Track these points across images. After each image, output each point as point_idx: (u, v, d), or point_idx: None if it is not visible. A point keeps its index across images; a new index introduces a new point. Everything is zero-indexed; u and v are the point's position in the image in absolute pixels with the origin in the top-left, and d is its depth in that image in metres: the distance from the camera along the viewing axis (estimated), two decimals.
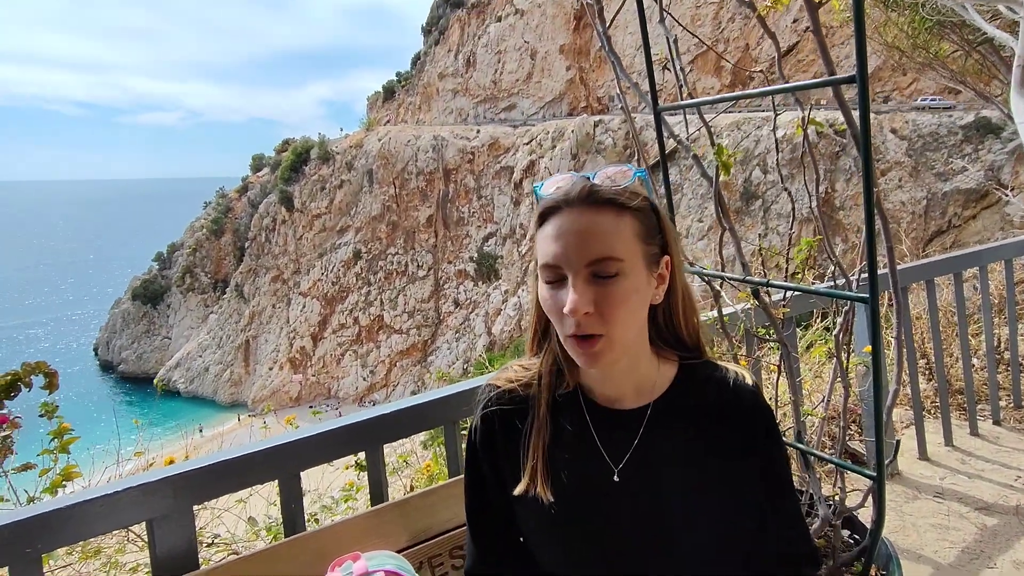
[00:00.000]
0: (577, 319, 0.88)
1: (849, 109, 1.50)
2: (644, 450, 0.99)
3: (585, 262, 0.89)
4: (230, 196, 57.51)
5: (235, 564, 1.25)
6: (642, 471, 0.99)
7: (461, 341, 40.58)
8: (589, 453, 1.01)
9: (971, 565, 2.11)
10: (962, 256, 2.99)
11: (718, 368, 1.04)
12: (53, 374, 1.40)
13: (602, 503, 0.99)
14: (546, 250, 0.92)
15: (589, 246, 0.89)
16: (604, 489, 0.99)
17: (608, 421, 1.01)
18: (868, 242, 1.32)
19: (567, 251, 0.90)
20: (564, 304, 0.89)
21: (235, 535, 1.99)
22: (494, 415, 1.06)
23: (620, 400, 1.01)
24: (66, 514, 1.15)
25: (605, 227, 0.90)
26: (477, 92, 48.39)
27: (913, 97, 30.52)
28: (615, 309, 0.89)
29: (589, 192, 0.92)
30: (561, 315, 0.91)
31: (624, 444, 1.00)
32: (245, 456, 1.33)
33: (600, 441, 1.01)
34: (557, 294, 0.91)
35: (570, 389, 1.04)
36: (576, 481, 1.00)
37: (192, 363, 48.00)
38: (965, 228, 25.88)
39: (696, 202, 30.01)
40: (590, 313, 0.88)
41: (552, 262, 0.91)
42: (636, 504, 0.98)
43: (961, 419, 3.06)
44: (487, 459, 1.08)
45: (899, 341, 1.71)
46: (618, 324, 0.90)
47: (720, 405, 1.00)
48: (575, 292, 0.88)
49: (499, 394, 1.07)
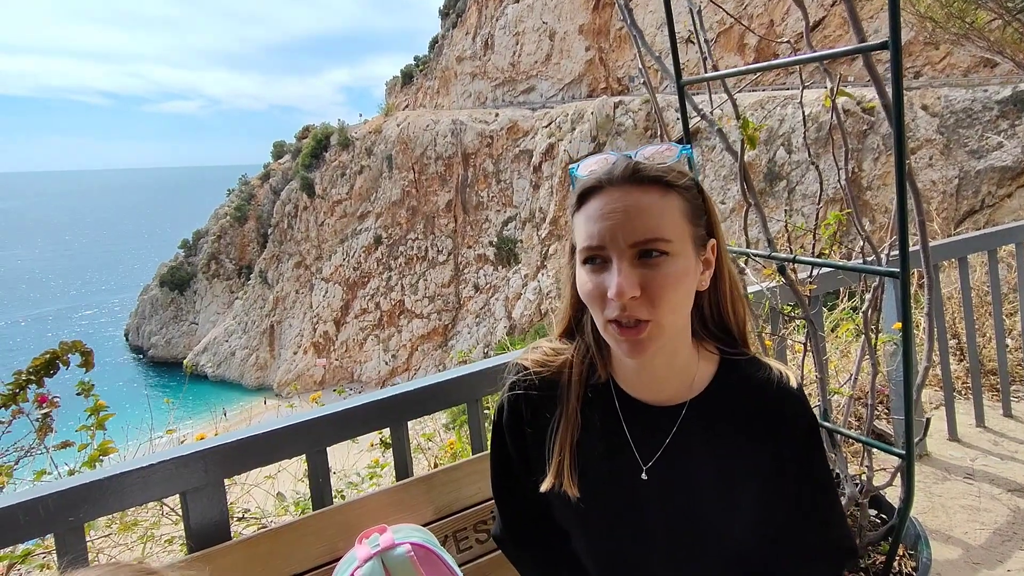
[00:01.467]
0: (623, 303, 0.83)
1: (880, 78, 1.45)
2: (676, 449, 0.95)
3: (631, 242, 0.84)
4: (252, 183, 58.16)
5: (265, 536, 1.28)
6: (672, 471, 0.94)
7: (481, 325, 40.74)
8: (619, 449, 0.97)
9: (1003, 547, 2.07)
10: (997, 232, 2.90)
11: (761, 367, 0.98)
12: (89, 352, 1.44)
13: (629, 500, 0.97)
14: (587, 231, 0.87)
15: (635, 226, 0.84)
16: (631, 486, 0.96)
17: (641, 416, 0.97)
18: (900, 215, 1.28)
19: (611, 232, 0.85)
20: (607, 288, 0.84)
21: (264, 510, 2.04)
22: (521, 399, 1.04)
23: (656, 395, 0.96)
24: (106, 485, 1.19)
25: (651, 206, 0.85)
26: (495, 75, 47.99)
27: (946, 72, 29.47)
28: (664, 293, 0.84)
29: (634, 170, 0.87)
30: (603, 300, 0.86)
31: (656, 442, 0.95)
32: (273, 431, 1.36)
33: (631, 437, 0.97)
34: (599, 278, 0.86)
35: (603, 381, 1.00)
36: (603, 477, 0.97)
37: (219, 348, 49.04)
38: (999, 207, 25.05)
39: (718, 183, 29.51)
40: (636, 297, 0.83)
41: (595, 243, 0.86)
42: (663, 504, 0.95)
43: (993, 400, 2.99)
44: (513, 443, 1.07)
45: (930, 318, 1.67)
46: (666, 309, 0.85)
47: (761, 408, 0.95)
48: (620, 275, 0.83)
49: (527, 376, 1.04)
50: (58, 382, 1.80)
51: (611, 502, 0.97)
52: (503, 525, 1.15)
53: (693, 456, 0.94)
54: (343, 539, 1.32)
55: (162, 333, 53.43)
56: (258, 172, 60.06)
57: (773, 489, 0.94)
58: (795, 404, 0.95)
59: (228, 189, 61.67)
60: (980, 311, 3.37)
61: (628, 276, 0.83)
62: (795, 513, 0.95)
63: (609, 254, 0.85)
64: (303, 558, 1.30)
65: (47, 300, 74.37)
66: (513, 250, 40.68)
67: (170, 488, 1.26)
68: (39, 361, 1.46)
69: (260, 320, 48.97)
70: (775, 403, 0.94)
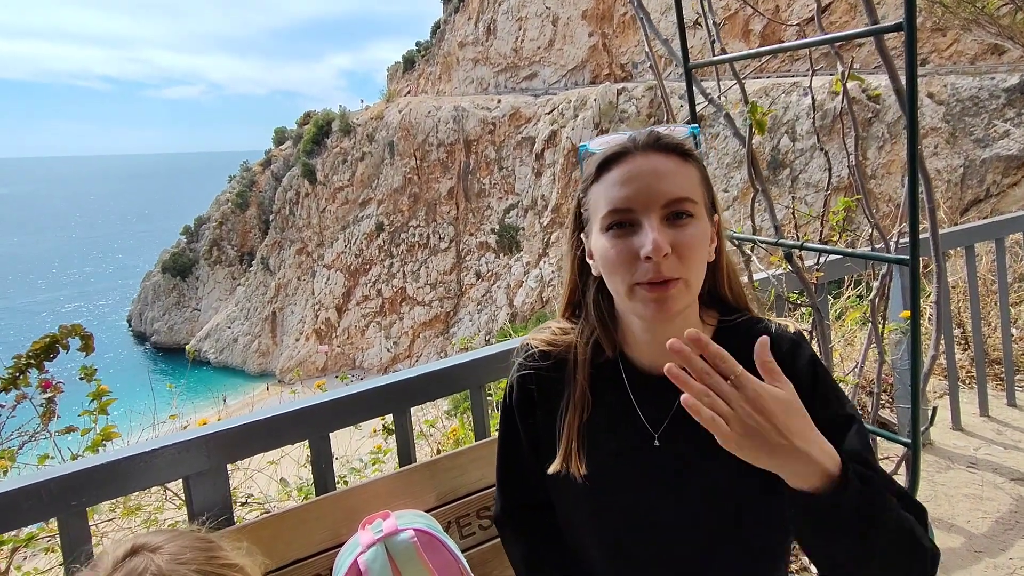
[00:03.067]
0: (657, 260, 0.84)
1: (892, 62, 1.43)
2: (684, 413, 0.95)
3: (663, 202, 0.86)
4: (254, 169, 58.06)
5: (268, 521, 1.28)
6: (683, 433, 0.95)
7: (483, 313, 40.80)
8: (628, 422, 0.98)
9: (1006, 536, 2.07)
10: (1005, 221, 2.87)
11: (760, 321, 1.00)
12: (89, 336, 1.43)
13: (642, 469, 0.97)
14: (613, 196, 0.89)
15: (666, 186, 0.87)
16: (644, 456, 0.97)
17: (649, 387, 0.99)
18: (911, 202, 1.26)
19: (641, 192, 0.87)
20: (639, 248, 0.85)
21: (267, 495, 2.05)
22: (531, 379, 1.05)
23: (664, 363, 0.97)
24: (109, 469, 1.19)
25: (677, 169, 0.89)
26: (498, 61, 47.63)
27: (952, 59, 29.16)
28: (693, 253, 0.87)
29: (658, 137, 0.91)
30: (631, 263, 0.86)
31: (664, 409, 0.97)
32: (276, 416, 1.36)
33: (640, 408, 0.98)
34: (626, 242, 0.87)
35: (610, 358, 1.01)
36: (614, 452, 0.98)
37: (221, 334, 49.22)
38: (1005, 196, 24.91)
39: (722, 171, 29.37)
40: (668, 255, 0.84)
41: (623, 206, 0.87)
42: (677, 468, 0.96)
43: (997, 390, 2.98)
44: (523, 424, 1.08)
45: (938, 307, 1.65)
46: (694, 269, 0.88)
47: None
48: (654, 231, 0.84)
49: (536, 356, 1.05)
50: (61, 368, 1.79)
51: (623, 475, 0.98)
52: (502, 507, 1.16)
53: None
54: (346, 525, 1.32)
55: (164, 319, 53.62)
56: (259, 158, 59.91)
57: None
58: (793, 347, 0.96)
59: (229, 175, 61.57)
60: (985, 300, 3.35)
61: (662, 233, 0.84)
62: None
63: (638, 216, 0.87)
64: (306, 543, 1.30)
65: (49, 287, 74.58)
66: (515, 238, 40.63)
67: (173, 473, 1.26)
68: (38, 345, 1.45)
69: (262, 307, 49.09)
70: (774, 348, 0.92)
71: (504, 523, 1.17)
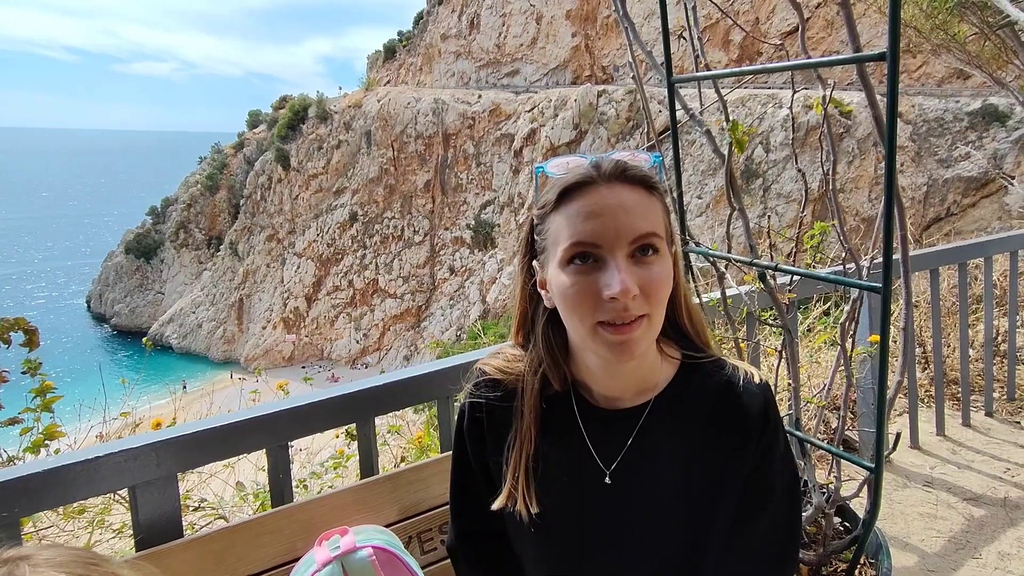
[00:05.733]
0: (625, 302, 0.80)
1: (873, 89, 1.43)
2: (638, 450, 0.93)
3: (630, 238, 0.82)
4: (225, 152, 56.60)
5: (220, 534, 1.22)
6: (635, 472, 0.93)
7: (455, 308, 40.63)
8: (579, 457, 0.95)
9: (957, 555, 2.12)
10: (969, 246, 2.95)
11: (725, 366, 0.96)
12: (33, 331, 1.35)
13: (591, 506, 0.95)
14: (577, 229, 0.83)
15: (633, 221, 0.82)
16: (594, 492, 0.94)
17: (602, 422, 0.95)
18: (886, 230, 1.27)
19: (608, 228, 0.81)
20: (603, 287, 0.80)
21: (222, 499, 1.97)
22: (481, 407, 1.02)
23: (619, 398, 0.94)
24: (46, 478, 1.11)
25: (643, 203, 0.84)
26: (480, 55, 47.37)
27: (921, 81, 30.03)
28: (659, 289, 0.83)
29: (624, 168, 0.85)
30: (596, 301, 0.82)
31: (617, 444, 0.94)
32: (232, 424, 1.30)
33: (591, 443, 0.95)
34: (591, 278, 0.82)
35: (560, 391, 0.97)
36: (564, 486, 0.95)
37: (185, 319, 47.96)
38: (964, 216, 25.81)
39: (696, 178, 29.74)
40: (636, 296, 0.80)
41: (588, 239, 0.82)
42: (627, 506, 0.93)
43: (954, 409, 3.07)
44: (473, 451, 1.05)
45: (906, 333, 1.67)
46: (659, 306, 0.84)
47: (721, 407, 0.93)
48: (622, 271, 0.80)
49: (488, 383, 1.02)
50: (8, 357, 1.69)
51: (572, 512, 0.95)
52: (456, 535, 1.12)
53: (655, 457, 0.93)
54: (303, 539, 1.27)
55: (126, 301, 52.01)
56: (232, 141, 58.44)
57: (731, 490, 0.93)
58: (757, 402, 0.93)
59: (200, 157, 59.96)
60: (945, 321, 3.44)
61: (630, 272, 0.81)
62: (743, 515, 0.93)
63: (603, 253, 0.82)
64: (260, 558, 1.24)
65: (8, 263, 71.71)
66: (490, 234, 40.53)
67: (119, 482, 1.19)
68: None
69: (229, 293, 47.98)
70: (736, 399, 0.93)
71: (457, 552, 1.12)
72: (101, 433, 2.16)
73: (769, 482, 0.94)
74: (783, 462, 0.95)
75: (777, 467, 0.94)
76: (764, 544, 0.95)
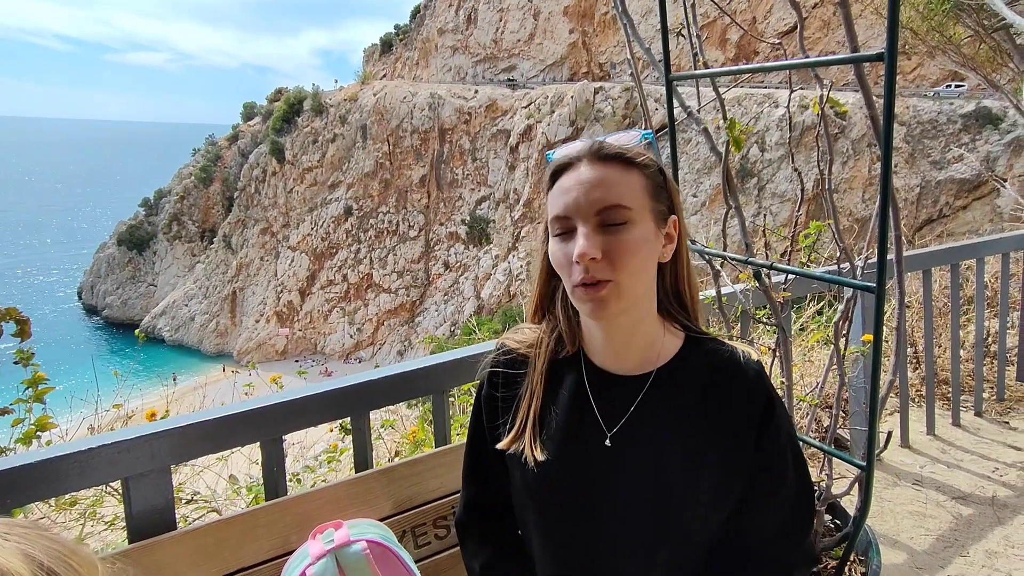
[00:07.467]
0: (584, 264, 0.90)
1: (869, 89, 1.43)
2: (640, 417, 0.98)
3: (595, 210, 0.91)
4: (220, 144, 56.24)
5: (213, 527, 1.22)
6: (635, 438, 0.98)
7: (449, 304, 40.60)
8: (583, 416, 1.01)
9: (945, 553, 2.15)
10: (962, 247, 2.97)
11: (724, 344, 1.03)
12: (25, 321, 1.34)
13: (590, 466, 0.99)
14: (556, 203, 0.95)
15: (597, 194, 0.92)
16: (594, 453, 0.99)
17: (607, 385, 1.01)
18: (881, 230, 1.27)
19: (576, 201, 0.92)
20: (573, 253, 0.90)
21: (215, 491, 1.97)
22: (499, 375, 1.09)
23: (623, 364, 1.01)
24: (38, 469, 1.11)
25: (613, 178, 0.93)
26: (477, 51, 47.24)
27: (916, 83, 30.19)
28: (624, 257, 0.90)
29: (599, 148, 0.96)
30: (570, 265, 0.92)
31: (621, 410, 0.99)
32: (225, 417, 1.29)
33: (597, 405, 1.00)
34: (567, 245, 0.93)
35: (571, 353, 1.05)
36: (566, 443, 1.00)
37: (178, 312, 47.71)
38: (955, 218, 26.01)
39: (692, 176, 29.80)
40: (597, 259, 0.90)
41: (562, 213, 0.94)
42: (625, 471, 0.97)
43: (944, 409, 3.09)
44: (487, 415, 1.10)
45: (899, 333, 1.68)
46: (626, 272, 0.91)
47: (721, 381, 0.99)
48: (584, 238, 0.90)
49: (507, 353, 1.10)
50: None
51: (572, 467, 0.99)
52: (464, 507, 1.16)
53: (656, 424, 0.97)
54: (296, 532, 1.26)
55: (118, 293, 51.70)
56: (226, 133, 58.05)
57: (732, 462, 0.96)
58: (754, 380, 0.99)
59: (194, 149, 59.56)
60: (936, 321, 3.47)
61: (591, 239, 0.90)
62: (749, 489, 0.97)
63: (574, 223, 0.92)
64: (253, 551, 1.24)
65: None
66: (485, 230, 40.48)
67: (112, 473, 1.18)
68: None
69: (222, 286, 47.74)
70: (738, 374, 0.99)
71: (466, 529, 1.16)
72: (92, 425, 2.15)
73: (779, 450, 0.99)
74: (786, 434, 1.01)
75: (783, 438, 1.00)
76: (786, 508, 1.01)
